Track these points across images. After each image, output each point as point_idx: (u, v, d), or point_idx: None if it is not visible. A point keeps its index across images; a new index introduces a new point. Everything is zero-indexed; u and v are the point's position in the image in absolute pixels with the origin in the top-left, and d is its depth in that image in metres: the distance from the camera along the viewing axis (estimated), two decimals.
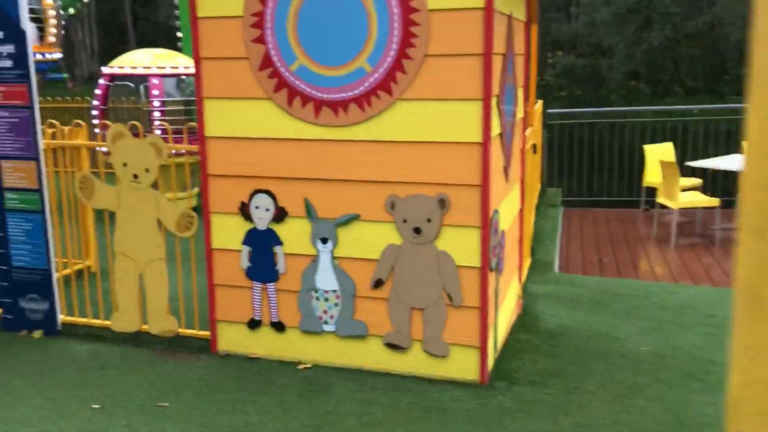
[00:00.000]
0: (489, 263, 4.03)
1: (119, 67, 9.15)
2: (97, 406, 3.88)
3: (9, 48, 4.71)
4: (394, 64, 3.97)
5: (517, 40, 4.74)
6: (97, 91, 9.53)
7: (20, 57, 4.71)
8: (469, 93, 3.86)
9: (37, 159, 4.78)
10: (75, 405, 3.90)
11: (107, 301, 5.04)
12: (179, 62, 9.15)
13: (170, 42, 21.74)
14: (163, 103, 9.23)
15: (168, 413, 3.83)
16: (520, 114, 5.14)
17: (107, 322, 4.92)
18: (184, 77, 9.34)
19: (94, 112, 9.49)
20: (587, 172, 11.26)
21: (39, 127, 4.77)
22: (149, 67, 8.94)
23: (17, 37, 4.68)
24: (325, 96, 4.13)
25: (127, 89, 10.02)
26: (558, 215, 9.67)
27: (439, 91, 3.92)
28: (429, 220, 4.04)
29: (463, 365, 4.16)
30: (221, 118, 4.37)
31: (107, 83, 9.54)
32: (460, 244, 4.02)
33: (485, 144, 3.90)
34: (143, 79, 9.11)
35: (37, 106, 4.74)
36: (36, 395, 4.03)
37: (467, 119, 3.89)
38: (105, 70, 9.35)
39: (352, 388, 4.10)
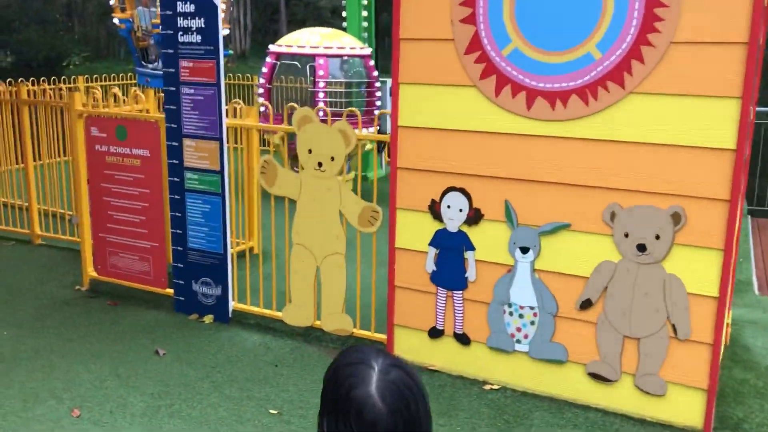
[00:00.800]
0: (726, 294, 3.38)
1: (287, 46, 9.02)
2: (274, 411, 3.61)
3: (199, 22, 4.53)
4: (629, 51, 3.38)
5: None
6: (264, 70, 9.49)
7: (210, 32, 4.52)
8: (726, 89, 3.21)
9: (220, 139, 4.60)
10: (252, 408, 3.66)
11: (268, 288, 4.82)
12: (345, 42, 8.90)
13: (320, 21, 21.87)
14: (327, 84, 9.05)
15: None
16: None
17: (278, 314, 4.70)
18: (347, 58, 9.10)
19: (260, 91, 9.47)
20: None
21: (224, 106, 4.57)
22: (316, 47, 8.75)
23: (208, 10, 4.49)
24: (540, 85, 3.61)
25: (293, 69, 9.95)
26: (746, 226, 8.62)
27: (685, 86, 3.30)
28: (657, 237, 3.44)
29: (682, 408, 3.54)
30: (417, 105, 3.96)
31: (273, 62, 9.49)
32: (695, 268, 3.39)
33: (739, 151, 3.24)
34: (309, 58, 8.96)
35: (223, 84, 4.54)
36: (211, 391, 3.83)
37: (720, 120, 3.24)
38: (272, 48, 9.28)
39: (550, 421, 3.60)
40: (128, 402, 3.69)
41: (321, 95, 9.04)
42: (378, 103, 9.56)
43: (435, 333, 4.13)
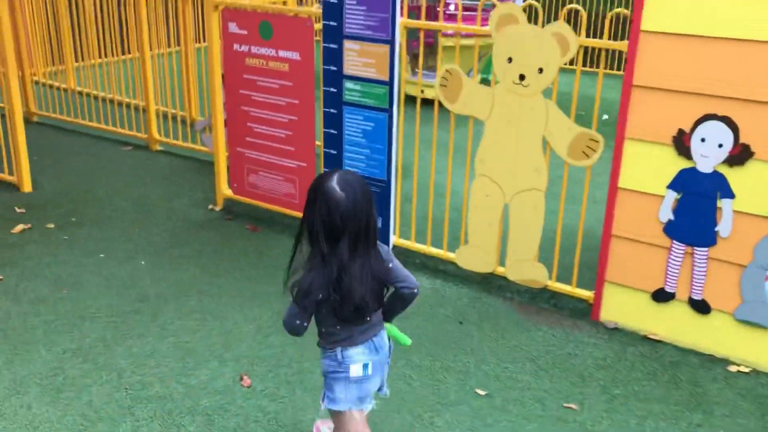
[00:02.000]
0: None
1: None
2: (482, 392, 2.94)
3: None
4: None
5: None
6: None
7: None
8: None
9: (391, 42, 3.75)
10: (453, 385, 2.97)
11: (423, 225, 4.08)
12: None
13: None
14: None
15: (576, 418, 2.80)
16: None
17: (449, 254, 3.98)
18: None
19: None
20: None
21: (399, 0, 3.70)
22: None
23: None
24: None
25: None
26: None
27: None
28: None
29: None
30: (670, 4, 3.00)
31: None
32: None
33: None
34: None
35: None
36: (397, 356, 3.18)
37: None
38: None
39: None
40: (303, 368, 3.08)
41: None
42: None
43: (662, 296, 3.32)
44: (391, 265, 2.15)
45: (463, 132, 3.98)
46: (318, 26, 4.01)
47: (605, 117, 7.07)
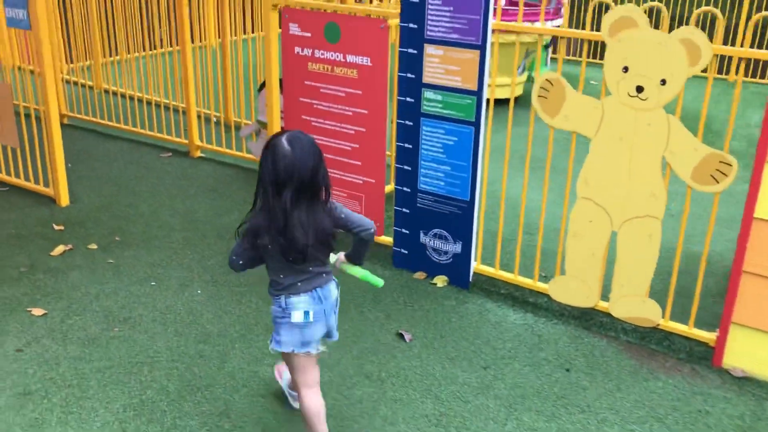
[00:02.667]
0: None
1: None
2: None
3: None
4: None
5: None
6: None
7: None
8: None
9: (481, 48, 3.32)
10: None
11: (514, 251, 3.66)
12: None
13: None
14: None
15: None
16: None
17: (541, 286, 3.56)
18: None
19: None
20: None
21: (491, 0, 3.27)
22: None
23: None
24: None
25: None
26: None
27: None
28: None
29: None
30: None
31: None
32: None
33: None
34: None
35: None
36: (506, 416, 2.76)
37: None
38: None
39: None
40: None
41: None
42: None
43: None
44: (343, 215, 2.37)
45: (561, 146, 3.54)
46: (394, 22, 3.58)
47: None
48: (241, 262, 2.35)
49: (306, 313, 2.33)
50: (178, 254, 3.96)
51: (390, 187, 4.31)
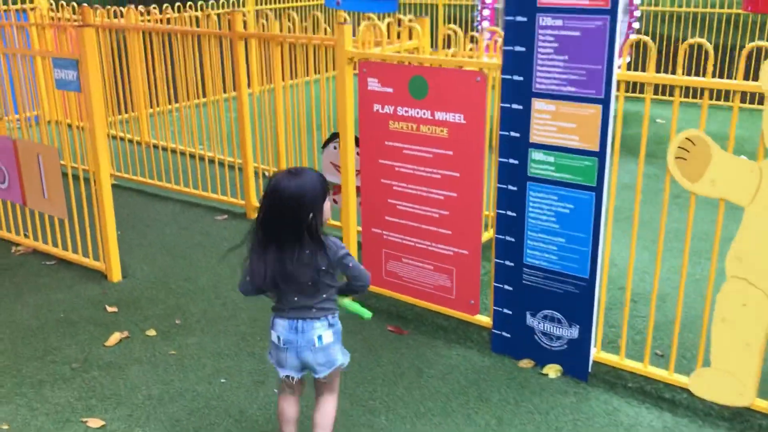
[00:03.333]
0: None
1: None
2: None
3: None
4: None
5: None
6: None
7: None
8: None
9: (603, 102, 2.84)
10: None
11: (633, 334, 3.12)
12: None
13: None
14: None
15: None
16: None
17: (679, 379, 3.01)
18: None
19: (485, 12, 7.58)
20: None
21: (618, 48, 2.79)
22: None
23: None
24: None
25: None
26: None
27: None
28: None
29: None
30: None
31: None
32: None
33: None
34: None
35: (620, 12, 2.75)
36: None
37: None
38: None
39: None
40: None
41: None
42: (636, 25, 7.49)
43: None
44: (347, 263, 2.43)
45: (703, 215, 3.02)
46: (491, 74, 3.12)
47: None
48: (249, 288, 2.46)
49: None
50: (247, 341, 3.49)
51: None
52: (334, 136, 4.65)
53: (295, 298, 2.39)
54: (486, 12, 7.58)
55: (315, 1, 10.96)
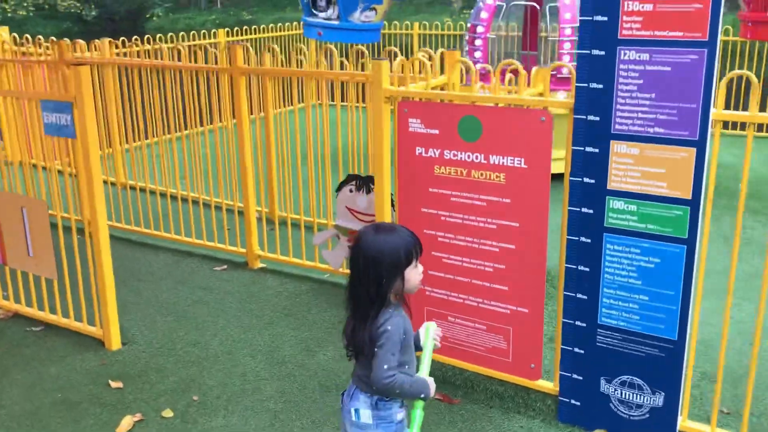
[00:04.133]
0: None
1: None
2: None
3: None
4: None
5: None
6: (483, 14, 7.33)
7: None
8: None
9: (699, 144, 2.53)
10: None
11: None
12: None
13: None
14: (574, 31, 6.85)
15: None
16: None
17: None
18: None
19: (477, 42, 7.33)
20: None
21: (715, 84, 2.49)
22: None
23: None
24: None
25: (520, 10, 7.75)
26: None
27: None
28: None
29: None
30: None
31: (496, 3, 7.32)
32: None
33: None
34: None
35: (718, 44, 2.45)
36: None
37: None
38: None
39: None
40: None
41: (567, 46, 6.87)
42: None
43: None
44: (378, 352, 2.10)
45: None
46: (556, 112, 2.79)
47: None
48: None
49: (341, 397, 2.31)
50: (281, 420, 3.05)
51: None
52: (350, 179, 4.29)
53: (356, 364, 2.22)
54: (478, 42, 7.34)
55: (288, 31, 10.63)
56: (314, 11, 8.68)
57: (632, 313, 2.79)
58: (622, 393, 2.89)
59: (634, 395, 2.86)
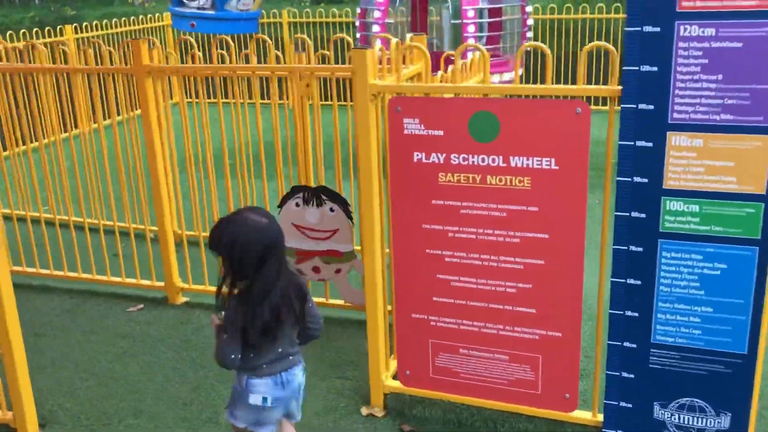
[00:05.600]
0: None
1: None
2: None
3: None
4: None
5: None
6: None
7: None
8: None
9: None
10: None
11: None
12: None
13: None
14: (479, 14, 6.58)
15: None
16: None
17: None
18: None
19: (376, 28, 6.83)
20: None
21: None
22: None
23: None
24: None
25: None
26: None
27: None
28: None
29: None
30: None
31: None
32: None
33: None
34: None
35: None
36: None
37: None
38: None
39: None
40: None
41: (471, 29, 6.56)
42: (529, 35, 7.16)
43: None
44: (309, 300, 2.28)
45: None
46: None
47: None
48: (238, 356, 2.18)
49: (264, 398, 2.25)
50: None
51: None
52: (296, 191, 3.66)
53: (279, 349, 2.24)
54: (376, 28, 6.85)
55: (145, 24, 9.62)
56: (185, 0, 7.78)
57: (693, 327, 2.44)
58: (680, 417, 2.54)
59: (695, 419, 2.52)
